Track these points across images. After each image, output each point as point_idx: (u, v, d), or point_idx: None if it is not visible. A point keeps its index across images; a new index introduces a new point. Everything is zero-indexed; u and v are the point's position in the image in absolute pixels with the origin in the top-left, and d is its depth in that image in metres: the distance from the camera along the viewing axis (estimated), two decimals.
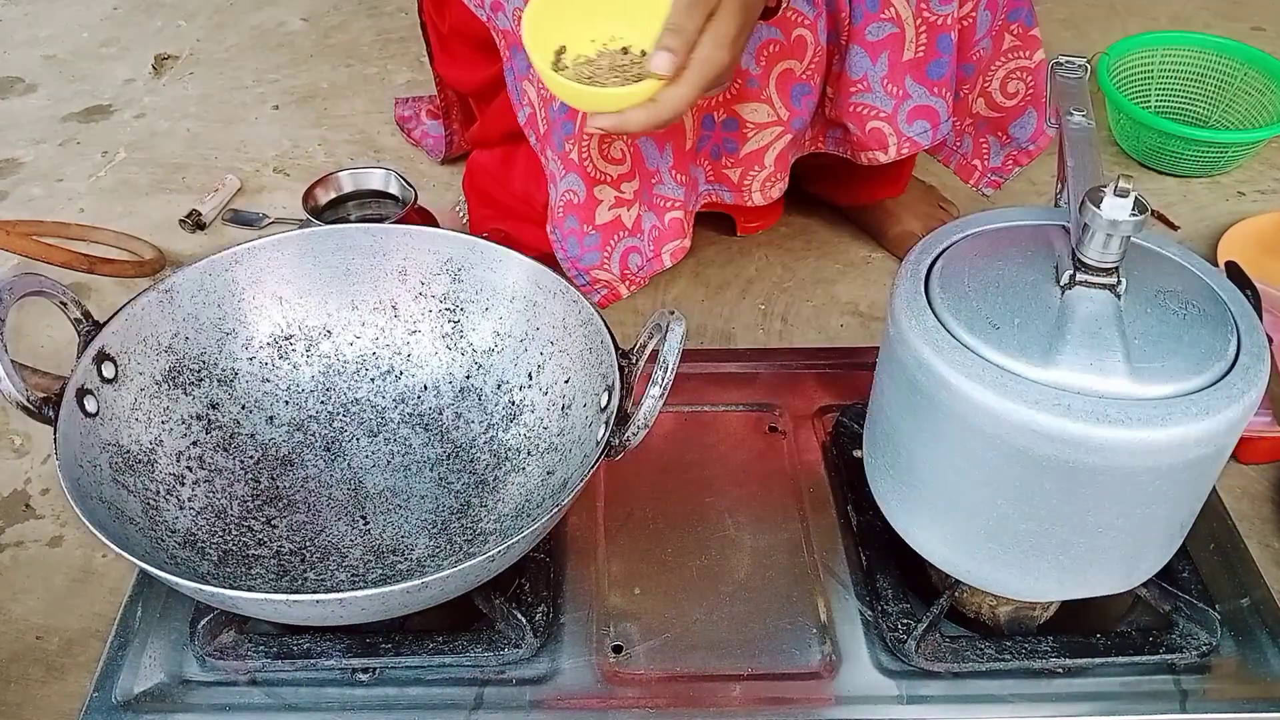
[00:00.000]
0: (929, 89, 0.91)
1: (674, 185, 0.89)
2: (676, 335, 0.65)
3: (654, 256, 0.92)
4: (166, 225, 1.22)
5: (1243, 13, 1.61)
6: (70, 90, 1.47)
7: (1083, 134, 0.69)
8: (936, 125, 0.93)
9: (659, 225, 0.91)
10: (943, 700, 0.68)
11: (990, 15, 0.91)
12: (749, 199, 0.93)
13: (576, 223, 0.91)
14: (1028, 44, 0.95)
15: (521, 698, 0.68)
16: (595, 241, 0.91)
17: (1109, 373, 0.57)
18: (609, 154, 0.88)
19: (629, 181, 0.89)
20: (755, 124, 0.89)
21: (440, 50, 1.12)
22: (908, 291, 0.63)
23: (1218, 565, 0.76)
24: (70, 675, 0.79)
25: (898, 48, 0.88)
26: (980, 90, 0.98)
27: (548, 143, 0.90)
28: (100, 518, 0.62)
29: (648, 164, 0.89)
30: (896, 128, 0.92)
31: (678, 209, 0.90)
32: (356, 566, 0.72)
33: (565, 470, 0.72)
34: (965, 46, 0.93)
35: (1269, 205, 1.25)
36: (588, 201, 0.90)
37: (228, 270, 0.79)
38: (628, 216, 0.91)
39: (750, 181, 0.92)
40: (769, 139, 0.89)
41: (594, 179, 0.89)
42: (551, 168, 0.91)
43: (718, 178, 0.93)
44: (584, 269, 0.93)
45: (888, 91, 0.90)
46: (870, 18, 0.86)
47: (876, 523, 0.74)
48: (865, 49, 0.88)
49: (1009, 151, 1.04)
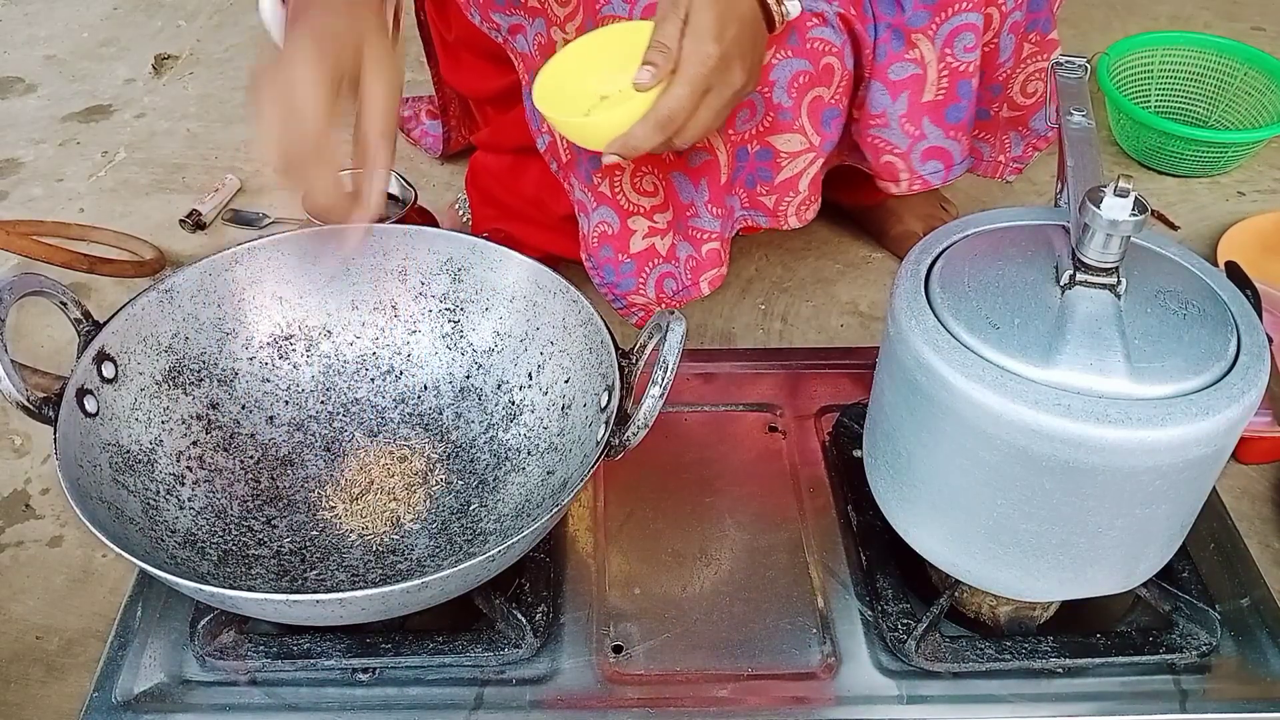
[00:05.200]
0: (945, 131, 0.91)
1: (710, 218, 0.90)
2: (676, 335, 0.65)
3: (691, 284, 0.93)
4: (166, 225, 1.22)
5: (1243, 13, 1.61)
6: (70, 90, 1.47)
7: (1083, 134, 0.69)
8: (950, 167, 0.94)
9: (696, 256, 0.92)
10: (943, 700, 0.68)
11: (1014, 39, 0.91)
12: (785, 223, 0.94)
13: (611, 251, 0.92)
14: (1045, 48, 0.95)
15: (521, 698, 0.68)
16: (631, 269, 0.92)
17: (1109, 373, 0.57)
18: (640, 186, 0.89)
19: (662, 213, 0.90)
20: (789, 153, 0.89)
21: (446, 57, 1.12)
22: (908, 291, 0.63)
23: (1218, 565, 0.76)
24: (70, 675, 0.79)
25: (918, 89, 0.89)
26: (1003, 99, 0.98)
27: (572, 172, 0.91)
28: (100, 518, 0.62)
29: (682, 197, 0.89)
30: (910, 165, 0.93)
31: (714, 240, 0.91)
32: (356, 566, 0.72)
33: (565, 470, 0.72)
34: (990, 69, 0.93)
35: (1269, 205, 1.25)
36: (621, 232, 0.91)
37: (228, 270, 0.79)
38: (662, 244, 0.92)
39: (786, 207, 0.93)
40: (803, 165, 0.90)
41: (627, 211, 0.90)
42: (580, 197, 0.91)
43: (753, 204, 0.93)
44: (621, 294, 0.94)
45: (904, 130, 0.91)
46: (894, 57, 0.87)
47: (876, 523, 0.74)
48: (886, 87, 0.89)
49: (1029, 140, 1.05)
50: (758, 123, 0.87)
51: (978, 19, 0.87)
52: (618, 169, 0.87)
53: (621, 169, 0.88)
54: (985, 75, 0.94)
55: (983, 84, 0.94)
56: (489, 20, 0.92)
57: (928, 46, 0.87)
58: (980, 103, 0.96)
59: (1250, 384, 0.58)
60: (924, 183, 0.94)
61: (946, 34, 0.86)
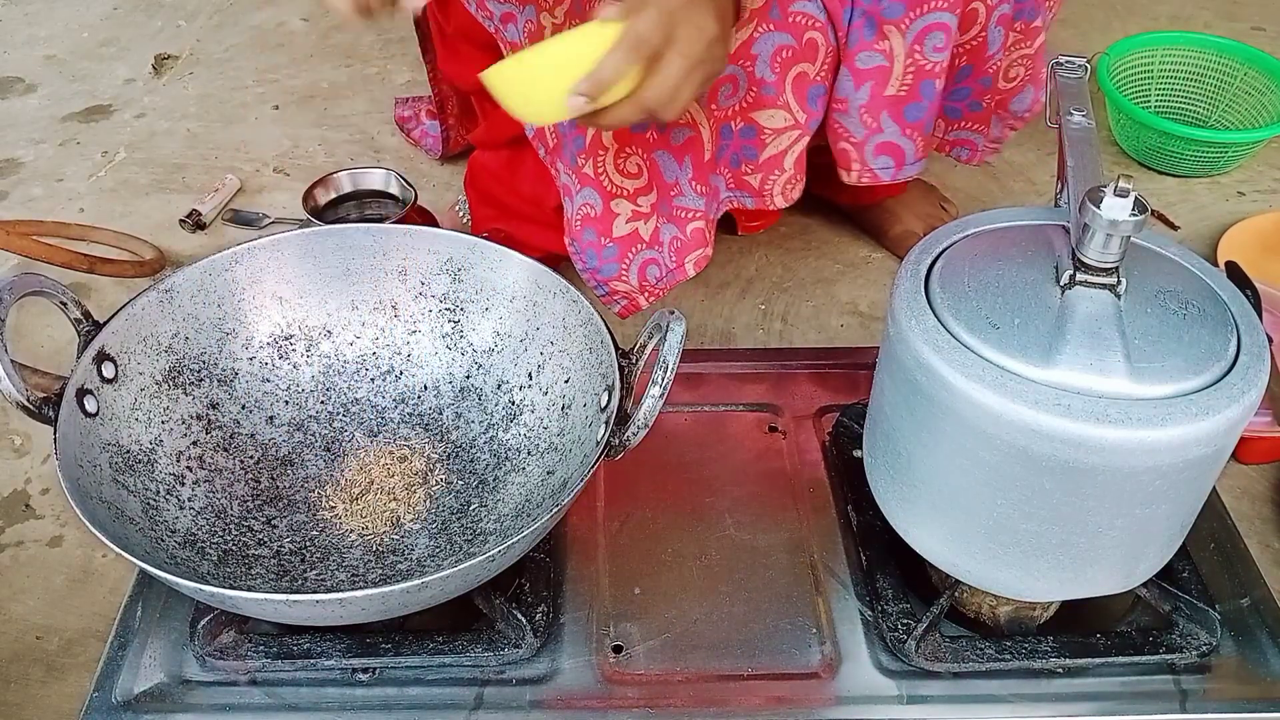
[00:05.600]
0: (901, 128, 0.91)
1: (694, 196, 0.90)
2: (676, 335, 0.65)
3: (676, 267, 0.93)
4: (166, 225, 1.22)
5: (1243, 13, 1.61)
6: (70, 90, 1.47)
7: (1083, 134, 0.69)
8: (900, 165, 0.93)
9: (680, 236, 0.92)
10: (943, 700, 0.68)
11: (1002, 31, 0.91)
12: (771, 203, 0.94)
13: (594, 235, 0.91)
14: (1029, 35, 0.95)
15: (521, 698, 0.68)
16: (613, 254, 0.92)
17: (1109, 373, 0.57)
18: (624, 168, 0.89)
19: (645, 195, 0.90)
20: (773, 130, 0.89)
21: (444, 49, 1.12)
22: (908, 291, 0.63)
23: (1218, 565, 0.76)
24: (70, 675, 0.79)
25: (882, 81, 0.88)
26: (993, 90, 0.98)
27: (558, 156, 0.91)
28: (100, 518, 0.62)
29: (665, 176, 0.89)
30: (861, 155, 0.92)
31: (699, 219, 0.91)
32: (356, 566, 0.72)
33: (565, 470, 0.72)
34: (980, 63, 0.93)
35: (1269, 205, 1.25)
36: (604, 215, 0.90)
37: (228, 270, 0.79)
38: (645, 229, 0.91)
39: (771, 186, 0.92)
40: (787, 143, 0.90)
41: (610, 193, 0.90)
42: (565, 181, 0.91)
43: (738, 184, 0.93)
44: (603, 280, 0.94)
45: (862, 120, 0.90)
46: (864, 45, 0.87)
47: (876, 523, 0.74)
48: (852, 74, 0.88)
49: (1006, 122, 1.05)
50: (741, 98, 0.87)
51: (951, 20, 0.86)
52: (601, 148, 0.87)
53: (605, 148, 0.87)
54: (975, 69, 0.93)
55: (973, 77, 0.94)
56: (483, 8, 0.92)
57: (898, 40, 0.86)
58: (973, 95, 0.96)
59: (1250, 384, 0.58)
60: (873, 175, 0.93)
61: (918, 30, 0.86)
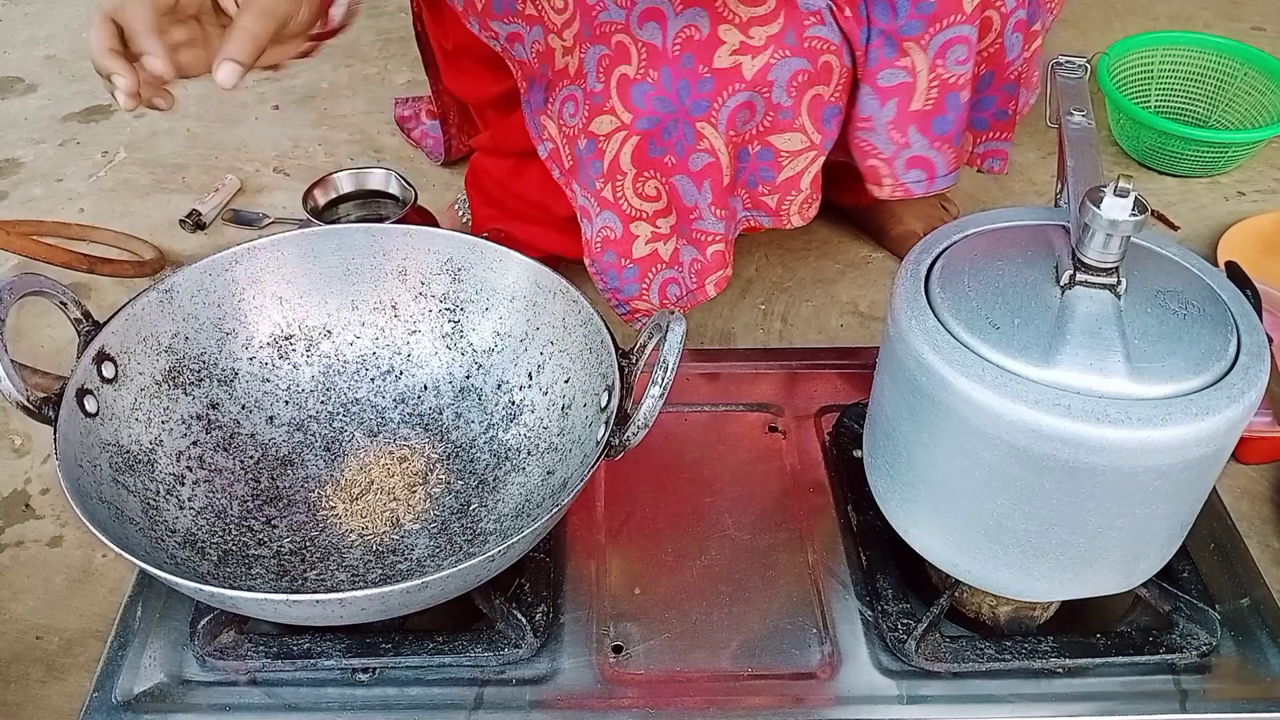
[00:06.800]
0: (930, 141, 0.91)
1: (714, 220, 0.90)
2: (676, 335, 0.65)
3: (697, 288, 0.93)
4: (166, 225, 1.22)
5: (1243, 13, 1.61)
6: (70, 90, 1.47)
7: (1083, 134, 0.69)
8: (932, 178, 0.94)
9: (701, 259, 0.92)
10: (943, 700, 0.68)
11: (1020, 36, 0.91)
12: (788, 222, 0.94)
13: (614, 256, 0.92)
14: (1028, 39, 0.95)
15: (521, 698, 0.68)
16: (634, 274, 0.92)
17: (1109, 373, 0.57)
18: (643, 191, 0.89)
19: (664, 217, 0.90)
20: (790, 152, 0.89)
21: (447, 66, 1.12)
22: (908, 291, 0.63)
23: (1218, 565, 0.76)
24: (70, 675, 0.79)
25: (907, 97, 0.89)
26: (1015, 96, 0.99)
27: (575, 178, 0.91)
28: (100, 518, 0.62)
29: (685, 200, 0.89)
30: (893, 171, 0.93)
31: (719, 242, 0.91)
32: (356, 566, 0.72)
33: (565, 470, 0.72)
34: (1001, 70, 0.93)
35: (1269, 205, 1.25)
36: (624, 237, 0.91)
37: (228, 270, 0.79)
38: (664, 250, 0.92)
39: (788, 206, 0.93)
40: (804, 164, 0.90)
41: (630, 216, 0.90)
42: (583, 203, 0.92)
43: (755, 204, 0.93)
44: (624, 300, 0.94)
45: (890, 137, 0.91)
46: (885, 63, 0.87)
47: (876, 523, 0.74)
48: (875, 92, 0.88)
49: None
50: (758, 123, 0.87)
51: (971, 32, 0.86)
52: (619, 172, 0.87)
53: (623, 172, 0.87)
54: (996, 76, 0.94)
55: (995, 85, 0.94)
56: (487, 29, 0.92)
57: (920, 56, 0.87)
58: (998, 104, 0.96)
59: (1250, 384, 0.58)
60: (906, 190, 0.94)
61: (939, 45, 0.86)
